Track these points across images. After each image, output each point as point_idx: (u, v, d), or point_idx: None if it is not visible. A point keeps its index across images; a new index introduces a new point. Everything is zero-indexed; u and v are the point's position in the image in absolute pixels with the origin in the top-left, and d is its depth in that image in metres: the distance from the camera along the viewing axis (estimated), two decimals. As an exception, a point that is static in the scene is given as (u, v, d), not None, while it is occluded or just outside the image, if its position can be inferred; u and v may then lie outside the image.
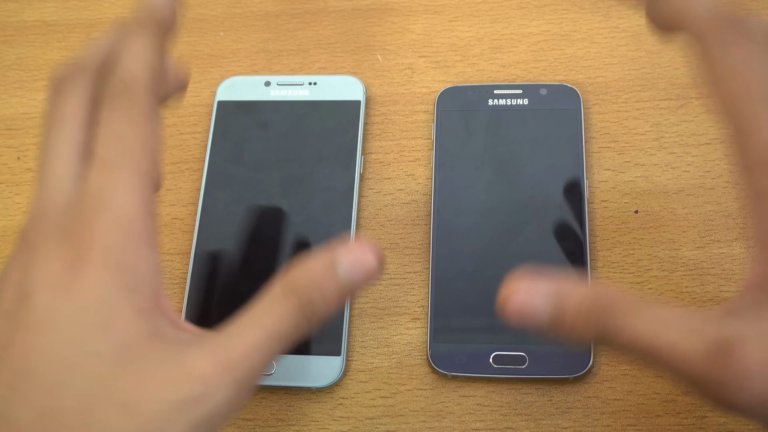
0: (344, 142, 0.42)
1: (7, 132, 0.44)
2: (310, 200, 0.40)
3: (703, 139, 0.43)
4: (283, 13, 0.47)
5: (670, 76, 0.44)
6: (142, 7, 0.26)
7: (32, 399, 0.21)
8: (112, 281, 0.23)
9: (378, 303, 0.40)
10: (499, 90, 0.43)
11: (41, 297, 0.22)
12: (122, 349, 0.22)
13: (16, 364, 0.22)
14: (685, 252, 0.40)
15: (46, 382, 0.21)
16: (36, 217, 0.24)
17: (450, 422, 0.37)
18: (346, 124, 0.42)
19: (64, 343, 0.22)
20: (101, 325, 0.22)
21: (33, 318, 0.22)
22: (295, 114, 0.43)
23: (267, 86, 0.43)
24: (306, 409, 0.37)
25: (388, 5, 0.47)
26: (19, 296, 0.23)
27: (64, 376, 0.22)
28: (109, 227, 0.23)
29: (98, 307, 0.22)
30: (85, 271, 0.22)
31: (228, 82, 0.44)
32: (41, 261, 0.23)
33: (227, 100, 0.43)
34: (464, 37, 0.46)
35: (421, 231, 0.41)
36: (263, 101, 0.43)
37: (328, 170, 0.41)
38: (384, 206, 0.42)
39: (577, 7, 0.47)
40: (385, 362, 0.38)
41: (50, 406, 0.21)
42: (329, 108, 0.43)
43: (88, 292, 0.22)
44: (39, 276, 0.23)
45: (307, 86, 0.43)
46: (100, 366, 0.22)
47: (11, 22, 0.48)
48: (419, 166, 0.43)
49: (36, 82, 0.46)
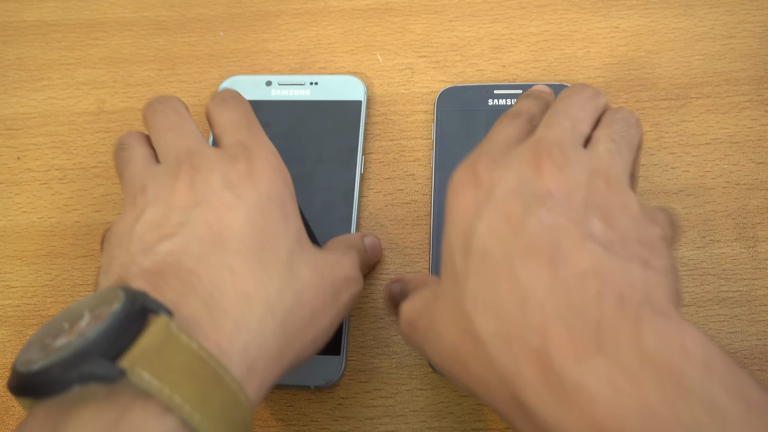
0: (345, 141, 0.42)
1: (7, 132, 0.44)
2: (311, 200, 0.40)
3: (703, 139, 0.43)
4: (283, 13, 0.47)
5: (670, 76, 0.44)
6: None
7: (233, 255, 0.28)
8: (281, 182, 0.30)
9: (378, 303, 0.40)
10: (500, 90, 0.43)
11: (226, 190, 0.29)
12: (296, 235, 0.30)
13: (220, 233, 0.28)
14: (685, 252, 0.40)
15: (255, 247, 0.28)
16: (190, 153, 0.30)
17: (450, 422, 0.37)
18: (348, 123, 0.42)
19: (257, 219, 0.29)
20: (281, 212, 0.30)
21: (224, 202, 0.28)
22: (297, 114, 0.43)
23: (268, 86, 0.43)
24: (306, 409, 0.37)
25: (388, 5, 0.47)
26: (199, 187, 0.29)
27: (263, 243, 0.28)
28: (264, 153, 0.31)
29: (276, 197, 0.30)
30: (258, 174, 0.30)
31: (229, 81, 0.44)
32: (217, 172, 0.29)
33: None
34: (464, 37, 0.46)
35: (421, 231, 0.41)
36: (264, 101, 0.43)
37: (329, 170, 0.41)
38: (384, 206, 0.42)
39: (577, 7, 0.47)
40: (385, 362, 0.38)
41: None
42: (330, 108, 0.43)
43: (266, 186, 0.29)
44: (217, 181, 0.29)
45: (308, 86, 0.43)
46: (288, 244, 0.29)
47: (11, 22, 0.48)
48: (419, 166, 0.43)
49: (36, 82, 0.46)
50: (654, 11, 0.46)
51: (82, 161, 0.44)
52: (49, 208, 0.42)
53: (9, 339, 0.39)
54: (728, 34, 0.45)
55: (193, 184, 0.29)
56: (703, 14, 0.46)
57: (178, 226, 0.28)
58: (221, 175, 0.29)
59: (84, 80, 0.46)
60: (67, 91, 0.45)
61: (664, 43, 0.45)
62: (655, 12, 0.46)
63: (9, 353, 0.39)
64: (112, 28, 0.47)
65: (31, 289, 0.40)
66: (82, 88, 0.46)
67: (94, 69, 0.46)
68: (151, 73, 0.46)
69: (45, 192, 0.43)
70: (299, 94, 0.43)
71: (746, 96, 0.44)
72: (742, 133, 0.43)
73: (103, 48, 0.47)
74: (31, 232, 0.42)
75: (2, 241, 0.42)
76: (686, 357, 0.22)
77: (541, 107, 0.33)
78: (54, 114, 0.45)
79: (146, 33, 0.47)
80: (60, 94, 0.45)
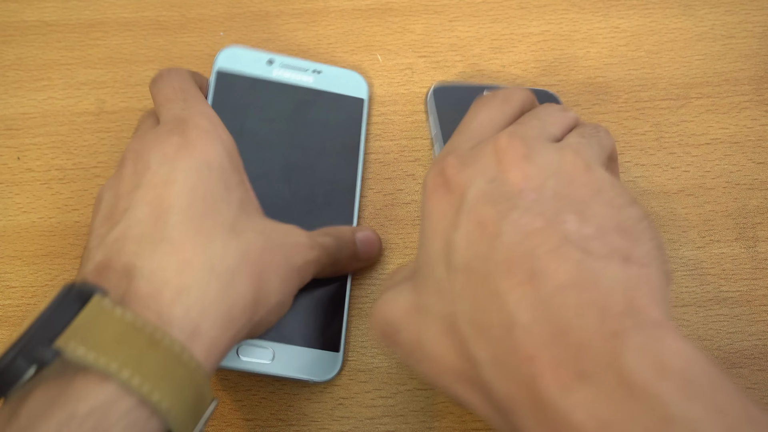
0: (347, 138, 0.41)
1: (7, 132, 0.44)
2: (312, 192, 0.39)
3: (703, 139, 0.43)
4: (283, 13, 0.47)
5: (670, 76, 0.44)
6: None
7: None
8: (221, 149, 0.31)
9: (378, 303, 0.40)
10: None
11: (162, 165, 0.30)
12: (240, 203, 0.31)
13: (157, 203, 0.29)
14: (685, 252, 0.40)
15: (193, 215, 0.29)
16: (136, 139, 0.32)
17: (450, 422, 0.37)
18: (350, 120, 0.42)
19: (194, 187, 0.29)
20: (221, 179, 0.30)
21: (161, 178, 0.29)
22: (299, 99, 0.41)
23: (270, 65, 0.42)
24: (306, 409, 0.37)
25: (388, 5, 0.47)
26: (139, 169, 0.30)
27: (202, 210, 0.30)
28: (199, 122, 0.31)
29: (215, 164, 0.30)
30: (193, 143, 0.30)
31: (227, 51, 0.41)
32: (154, 150, 0.30)
33: (227, 72, 0.41)
34: (464, 37, 0.46)
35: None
36: (266, 80, 0.41)
37: (331, 164, 0.40)
38: (384, 206, 0.42)
39: (577, 7, 0.47)
40: (385, 362, 0.38)
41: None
42: (333, 100, 0.42)
43: (203, 155, 0.30)
44: (154, 159, 0.30)
45: (311, 73, 0.42)
46: (231, 210, 0.31)
47: (11, 22, 0.48)
48: (419, 166, 0.43)
49: (36, 82, 0.46)
50: (654, 11, 0.46)
51: (82, 161, 0.44)
52: (49, 208, 0.42)
53: (9, 339, 0.39)
54: (728, 34, 0.45)
55: (135, 168, 0.30)
56: (703, 14, 0.46)
57: (122, 213, 0.29)
58: (158, 152, 0.30)
59: (84, 80, 0.46)
60: (67, 91, 0.45)
61: (664, 43, 0.45)
62: (655, 12, 0.46)
63: (9, 353, 0.39)
64: (112, 28, 0.47)
65: (31, 289, 0.40)
66: (82, 88, 0.46)
67: (94, 69, 0.46)
68: (151, 73, 0.46)
69: (45, 192, 0.43)
70: (301, 79, 0.42)
71: (746, 96, 0.44)
72: (742, 133, 0.43)
73: (103, 48, 0.47)
74: (31, 232, 0.42)
75: (2, 241, 0.42)
76: (666, 378, 0.21)
77: (519, 100, 0.32)
78: (54, 114, 0.45)
79: (146, 33, 0.47)
80: (60, 94, 0.45)
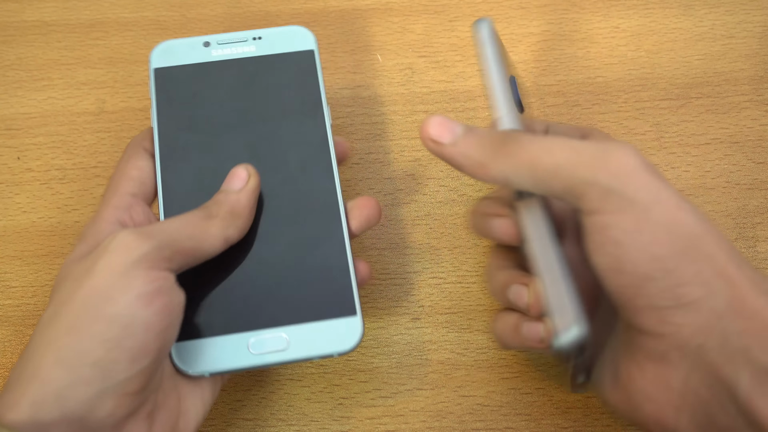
0: (306, 94, 0.38)
1: (7, 132, 0.44)
2: (283, 159, 0.37)
3: (703, 139, 0.43)
4: (283, 13, 0.47)
5: (670, 76, 0.44)
6: None
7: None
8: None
9: (378, 303, 0.40)
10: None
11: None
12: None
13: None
14: (685, 252, 0.40)
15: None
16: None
17: (450, 422, 0.37)
18: (303, 75, 0.38)
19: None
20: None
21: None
22: (245, 72, 0.38)
23: (207, 47, 0.39)
24: (306, 409, 0.37)
25: (388, 5, 0.47)
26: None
27: None
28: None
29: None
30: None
31: (161, 47, 0.39)
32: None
33: (164, 67, 0.38)
34: (464, 37, 0.46)
35: (422, 231, 0.41)
36: (206, 62, 0.38)
37: (296, 129, 0.37)
38: (384, 206, 0.42)
39: (577, 7, 0.47)
40: (385, 362, 0.38)
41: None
42: (282, 61, 0.39)
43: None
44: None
45: (251, 42, 0.39)
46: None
47: (11, 22, 0.48)
48: (419, 166, 0.43)
49: (36, 82, 0.46)
50: (654, 11, 0.46)
51: (82, 161, 0.44)
52: (49, 208, 0.42)
53: (9, 339, 0.39)
54: (728, 34, 0.45)
55: None
56: (703, 14, 0.46)
57: None
58: None
59: (84, 80, 0.46)
60: (67, 91, 0.45)
61: (664, 43, 0.45)
62: (655, 12, 0.46)
63: (9, 353, 0.39)
64: (112, 28, 0.47)
65: (31, 289, 0.40)
66: (82, 88, 0.46)
67: (94, 69, 0.46)
68: (151, 73, 0.46)
69: (45, 192, 0.43)
70: (243, 51, 0.39)
71: (746, 96, 0.44)
72: (742, 133, 0.43)
73: (103, 48, 0.47)
74: (31, 232, 0.42)
75: (2, 241, 0.42)
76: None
77: None
78: (54, 114, 0.45)
79: (146, 33, 0.47)
80: (60, 94, 0.45)
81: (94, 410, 0.28)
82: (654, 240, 0.28)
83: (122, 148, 0.44)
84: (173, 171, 0.36)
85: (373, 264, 0.40)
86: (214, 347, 0.33)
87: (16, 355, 0.39)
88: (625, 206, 0.28)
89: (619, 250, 0.28)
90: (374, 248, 0.41)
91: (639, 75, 0.44)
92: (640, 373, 0.29)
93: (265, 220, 0.35)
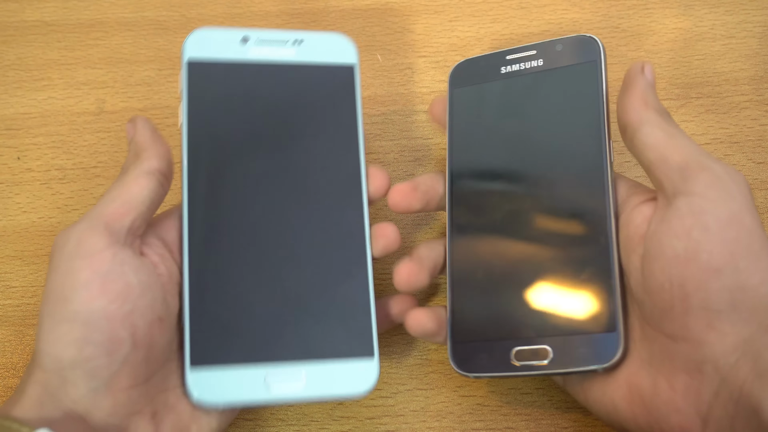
0: (342, 117, 0.36)
1: (7, 132, 0.45)
2: (311, 188, 0.35)
3: (703, 139, 0.43)
4: (283, 13, 0.48)
5: (670, 76, 0.44)
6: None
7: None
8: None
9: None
10: (512, 55, 0.38)
11: None
12: None
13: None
14: (685, 252, 0.40)
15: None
16: None
17: (450, 422, 0.37)
18: (341, 93, 0.36)
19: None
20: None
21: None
22: (282, 80, 0.36)
23: (245, 43, 0.36)
24: (306, 409, 0.37)
25: (388, 5, 0.47)
26: None
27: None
28: None
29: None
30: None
31: (195, 35, 0.36)
32: None
33: (199, 61, 0.36)
34: (464, 37, 0.46)
35: (421, 231, 0.41)
36: (243, 63, 0.36)
37: (327, 150, 0.36)
38: (384, 206, 0.42)
39: (577, 7, 0.47)
40: (385, 362, 0.38)
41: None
42: (320, 73, 0.36)
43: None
44: None
45: (291, 44, 0.37)
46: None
47: (11, 22, 0.48)
48: (419, 166, 0.43)
49: (36, 82, 0.46)
50: (654, 11, 0.46)
51: (82, 161, 0.44)
52: (49, 208, 0.42)
53: (9, 339, 0.39)
54: (728, 34, 0.45)
55: None
56: (703, 14, 0.46)
57: None
58: None
59: (84, 80, 0.46)
60: (67, 91, 0.46)
61: (664, 43, 0.45)
62: (655, 12, 0.46)
63: (9, 353, 0.39)
64: (112, 28, 0.47)
65: (31, 289, 0.40)
66: (82, 88, 0.46)
67: (94, 69, 0.46)
68: (151, 73, 0.46)
69: (45, 192, 0.43)
70: (282, 55, 0.36)
71: (746, 96, 0.44)
72: (742, 133, 0.43)
73: (103, 48, 0.47)
74: (31, 232, 0.42)
75: (2, 241, 0.42)
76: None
77: None
78: (54, 114, 0.45)
79: (146, 33, 0.47)
80: (60, 94, 0.45)
81: (92, 409, 0.28)
82: (737, 237, 0.28)
83: (123, 148, 0.44)
84: (199, 181, 0.34)
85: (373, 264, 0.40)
86: (229, 378, 0.31)
87: (16, 355, 0.39)
88: (725, 197, 0.29)
89: (703, 236, 0.28)
90: (374, 248, 0.41)
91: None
92: (668, 385, 0.29)
93: (289, 252, 0.34)
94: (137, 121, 0.34)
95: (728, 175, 0.29)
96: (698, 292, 0.28)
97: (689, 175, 0.29)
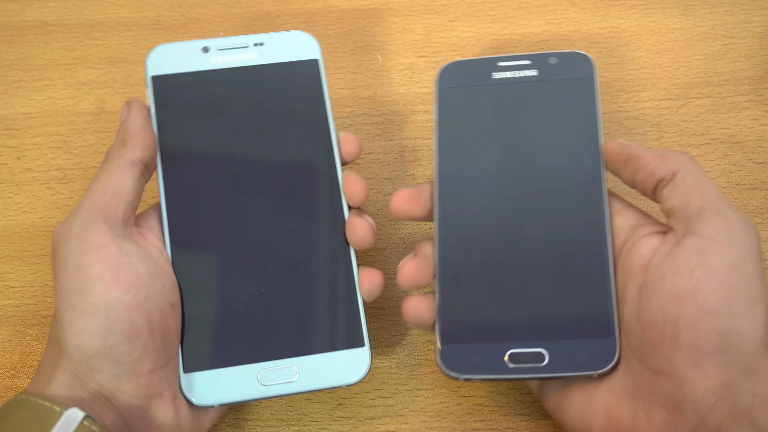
0: (311, 110, 0.36)
1: (7, 132, 0.45)
2: (288, 182, 0.36)
3: (703, 139, 0.43)
4: (283, 13, 0.48)
5: (670, 76, 0.44)
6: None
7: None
8: None
9: (378, 303, 0.40)
10: (504, 62, 0.37)
11: None
12: None
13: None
14: (685, 252, 0.40)
15: None
16: None
17: (450, 422, 0.37)
18: (307, 87, 0.37)
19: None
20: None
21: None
22: (247, 83, 0.37)
23: (206, 52, 0.37)
24: (306, 409, 0.37)
25: (388, 5, 0.47)
26: None
27: None
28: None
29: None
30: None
31: (157, 51, 0.37)
32: None
33: (163, 75, 0.36)
34: (464, 37, 0.46)
35: (421, 231, 0.41)
36: (206, 71, 0.37)
37: (299, 144, 0.36)
38: (384, 206, 0.42)
39: (577, 7, 0.47)
40: (385, 362, 0.38)
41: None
42: (283, 71, 0.37)
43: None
44: None
45: (253, 48, 0.37)
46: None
47: (11, 22, 0.48)
48: (419, 166, 0.43)
49: (36, 82, 0.46)
50: (654, 11, 0.46)
51: (82, 161, 0.44)
52: (49, 208, 0.42)
53: (9, 339, 0.39)
54: (728, 34, 0.45)
55: None
56: (703, 14, 0.46)
57: None
58: None
59: (84, 80, 0.46)
60: (67, 91, 0.46)
61: (664, 43, 0.45)
62: (655, 12, 0.46)
63: (9, 353, 0.39)
64: (112, 28, 0.47)
65: (31, 289, 0.40)
66: (82, 88, 0.46)
67: (94, 69, 0.46)
68: (151, 73, 0.46)
69: (45, 192, 0.43)
70: (244, 59, 0.37)
71: (746, 96, 0.44)
72: (742, 133, 0.43)
73: (103, 48, 0.47)
74: (31, 232, 0.42)
75: (2, 241, 0.42)
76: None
77: None
78: (54, 114, 0.45)
79: (146, 33, 0.47)
80: (60, 94, 0.45)
81: (117, 392, 0.30)
82: (737, 282, 0.28)
83: (122, 148, 0.44)
84: (177, 188, 0.35)
85: (372, 264, 0.40)
86: (223, 378, 0.33)
87: (17, 356, 0.39)
88: (733, 244, 0.29)
89: (705, 276, 0.28)
90: (374, 248, 0.41)
91: (639, 75, 0.44)
92: (647, 419, 0.29)
93: (273, 250, 0.35)
94: (132, 104, 0.35)
95: (741, 223, 0.29)
96: (689, 331, 0.28)
97: (704, 218, 0.30)
